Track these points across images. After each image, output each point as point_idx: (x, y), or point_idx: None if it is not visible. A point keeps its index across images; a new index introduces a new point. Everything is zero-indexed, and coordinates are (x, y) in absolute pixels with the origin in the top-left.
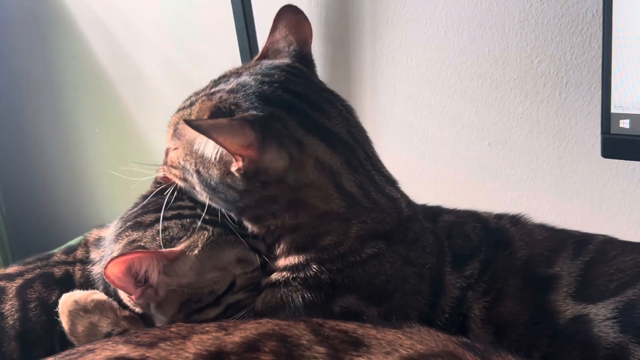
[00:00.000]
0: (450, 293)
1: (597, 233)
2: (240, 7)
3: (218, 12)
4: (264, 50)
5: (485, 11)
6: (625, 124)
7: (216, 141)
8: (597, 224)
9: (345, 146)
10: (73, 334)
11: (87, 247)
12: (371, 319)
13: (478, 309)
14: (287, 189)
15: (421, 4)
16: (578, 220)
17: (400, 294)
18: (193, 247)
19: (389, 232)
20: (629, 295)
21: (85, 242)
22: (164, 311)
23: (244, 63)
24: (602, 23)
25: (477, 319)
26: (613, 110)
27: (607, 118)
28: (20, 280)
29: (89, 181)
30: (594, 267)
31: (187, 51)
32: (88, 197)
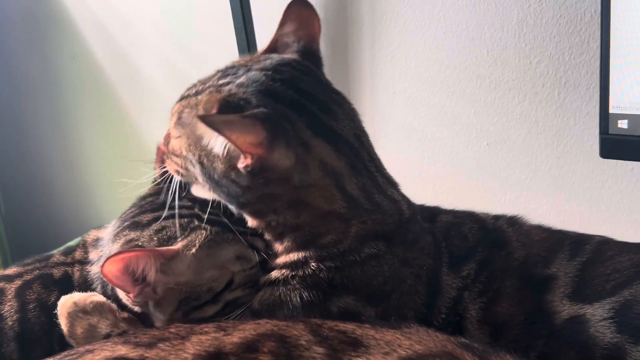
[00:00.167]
0: (447, 293)
1: (595, 233)
2: (239, 7)
3: (217, 12)
4: (272, 42)
5: (483, 12)
6: (623, 124)
7: (228, 138)
8: (596, 224)
9: (350, 149)
10: (72, 336)
11: (86, 248)
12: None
13: (474, 309)
14: (290, 188)
15: (420, 4)
16: (576, 220)
17: (398, 295)
18: (190, 247)
19: (389, 234)
20: (625, 296)
21: (83, 243)
22: (163, 309)
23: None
24: (600, 24)
25: (474, 319)
26: (611, 110)
27: (606, 118)
28: (19, 281)
29: (88, 181)
30: (590, 268)
31: (186, 51)
32: (87, 198)
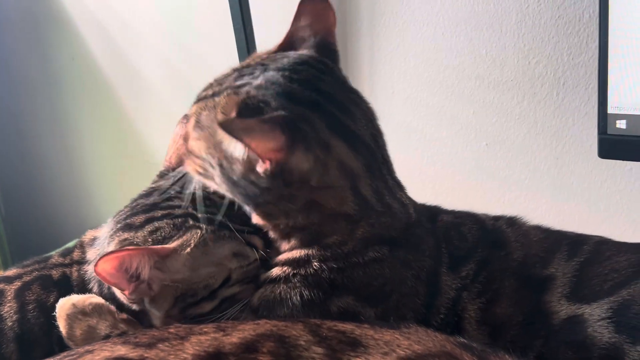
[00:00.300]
0: (446, 294)
1: (594, 234)
2: (238, 8)
3: (216, 13)
4: (287, 36)
5: (482, 12)
6: (621, 124)
7: (248, 145)
8: (595, 224)
9: (367, 149)
10: (71, 338)
11: (83, 248)
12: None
13: (473, 310)
14: (308, 189)
15: (418, 5)
16: (575, 220)
17: (398, 296)
18: (185, 246)
19: (394, 238)
20: (623, 295)
21: (81, 244)
22: (159, 306)
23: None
24: (599, 24)
25: (473, 320)
26: (610, 110)
27: (604, 118)
28: (18, 282)
29: (87, 182)
30: (588, 268)
31: (186, 52)
32: (87, 198)
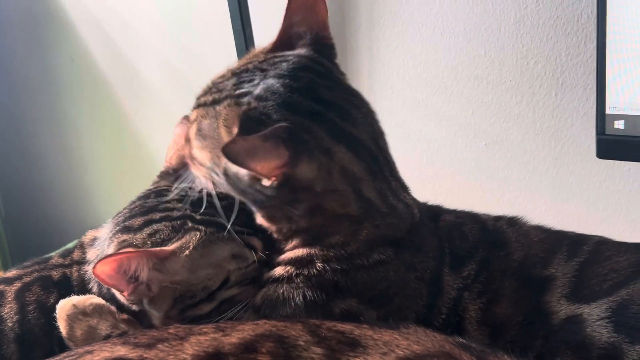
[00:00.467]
0: (448, 294)
1: (593, 234)
2: (237, 9)
3: (215, 14)
4: (281, 33)
5: (481, 13)
6: (619, 124)
7: (253, 170)
8: (594, 225)
9: (368, 153)
10: (71, 339)
11: (83, 249)
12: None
13: (474, 310)
14: (312, 194)
15: (417, 5)
16: (574, 220)
17: (401, 299)
18: (184, 249)
19: (399, 239)
20: (622, 295)
21: (81, 244)
22: (158, 306)
23: None
24: (597, 25)
25: (473, 320)
26: (608, 111)
27: (602, 119)
28: (18, 283)
29: (87, 182)
30: (588, 268)
31: (185, 53)
32: (86, 199)
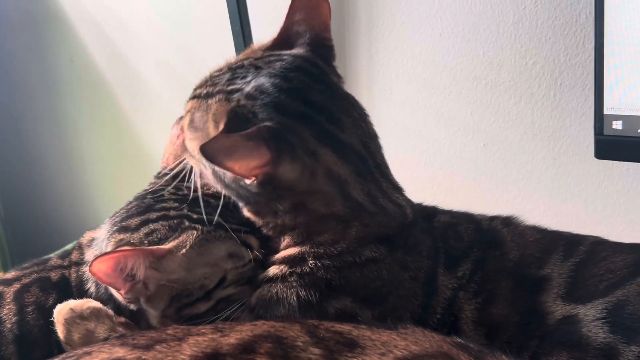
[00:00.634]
0: (443, 294)
1: (591, 234)
2: (236, 10)
3: (214, 14)
4: (282, 30)
5: (479, 13)
6: (618, 125)
7: (231, 170)
8: (592, 225)
9: (356, 156)
10: (69, 343)
11: (81, 250)
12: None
13: (469, 310)
14: (296, 193)
15: (416, 6)
16: (573, 220)
17: (395, 298)
18: (181, 247)
19: (392, 237)
20: (618, 296)
21: (79, 245)
22: (155, 305)
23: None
24: (594, 25)
25: (469, 320)
26: (606, 111)
27: (600, 119)
28: (17, 284)
29: (86, 183)
30: (584, 268)
31: (184, 53)
32: (86, 200)
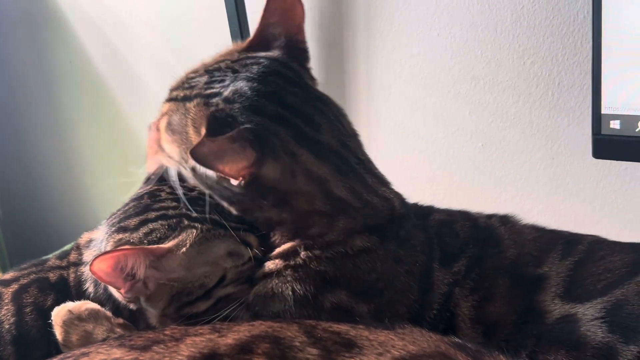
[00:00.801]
0: (439, 289)
1: (589, 233)
2: (235, 10)
3: (213, 15)
4: (257, 32)
5: (477, 13)
6: (615, 124)
7: (221, 172)
8: (590, 224)
9: (335, 155)
10: (67, 345)
11: (80, 250)
12: (361, 316)
13: (466, 307)
14: (278, 191)
15: (414, 6)
16: (571, 220)
17: (391, 291)
18: (181, 246)
19: (382, 228)
20: (616, 295)
21: (77, 246)
22: (155, 304)
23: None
24: (592, 25)
25: (466, 318)
26: (603, 111)
27: (598, 119)
28: (15, 285)
29: (85, 184)
30: (582, 268)
31: (183, 54)
32: (85, 201)
